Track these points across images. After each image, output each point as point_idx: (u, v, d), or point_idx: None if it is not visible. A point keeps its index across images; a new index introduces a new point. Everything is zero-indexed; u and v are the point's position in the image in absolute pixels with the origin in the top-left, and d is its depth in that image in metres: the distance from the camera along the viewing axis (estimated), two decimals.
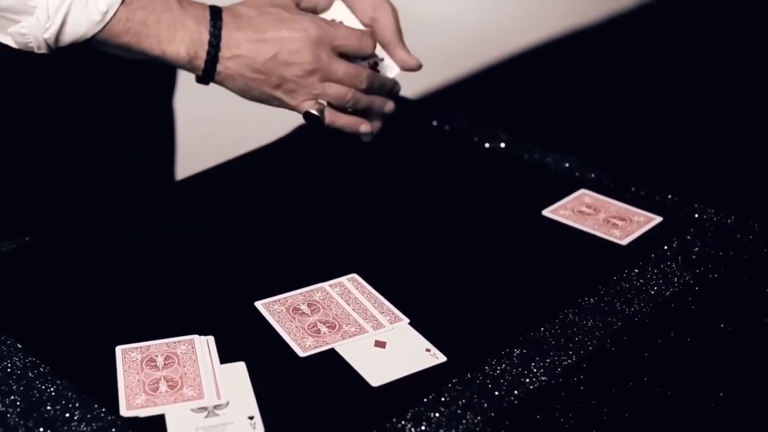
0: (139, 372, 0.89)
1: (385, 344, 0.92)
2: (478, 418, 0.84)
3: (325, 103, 1.12)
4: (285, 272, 1.02)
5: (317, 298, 0.98)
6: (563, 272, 1.01)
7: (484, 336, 0.93)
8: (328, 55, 1.09)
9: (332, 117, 1.12)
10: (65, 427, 0.84)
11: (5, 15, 0.99)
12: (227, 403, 0.86)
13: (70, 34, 1.01)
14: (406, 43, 1.18)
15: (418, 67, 1.18)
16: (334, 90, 1.10)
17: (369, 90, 1.13)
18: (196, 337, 0.93)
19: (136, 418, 0.84)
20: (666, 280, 1.00)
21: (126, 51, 1.04)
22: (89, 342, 0.93)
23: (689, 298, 0.99)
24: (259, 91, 1.09)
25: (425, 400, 0.86)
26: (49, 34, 1.00)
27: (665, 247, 1.04)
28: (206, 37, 1.04)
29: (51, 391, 0.88)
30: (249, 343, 0.93)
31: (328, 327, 0.94)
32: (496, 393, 0.87)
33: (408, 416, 0.84)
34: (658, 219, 1.08)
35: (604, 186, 1.15)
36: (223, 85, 1.09)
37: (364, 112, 1.16)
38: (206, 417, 0.85)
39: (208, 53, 1.05)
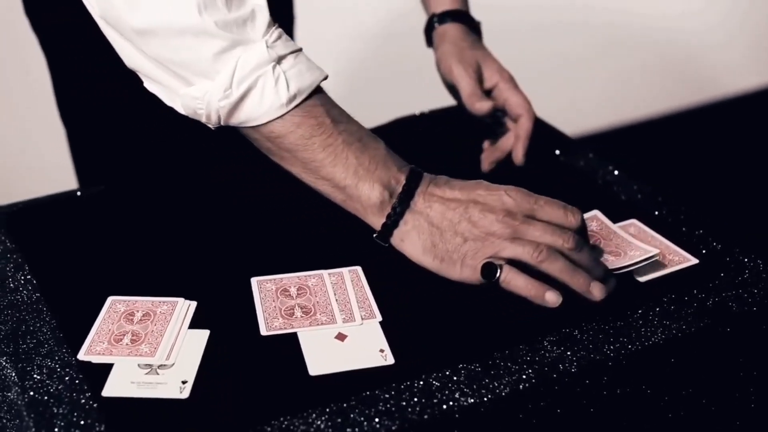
0: (114, 322, 0.95)
1: (345, 338, 0.93)
2: (394, 425, 0.84)
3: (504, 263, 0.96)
4: (307, 254, 1.05)
5: (310, 284, 1.00)
6: (565, 298, 0.97)
7: (449, 347, 0.92)
8: (523, 220, 0.96)
9: (508, 276, 0.95)
10: (28, 360, 0.92)
11: (183, 73, 0.95)
12: (172, 365, 0.90)
13: (247, 111, 0.95)
14: None
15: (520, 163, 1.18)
16: (520, 248, 0.94)
17: (575, 251, 0.95)
18: (180, 300, 0.98)
19: (89, 363, 0.91)
20: (663, 326, 0.94)
21: (300, 163, 0.99)
22: (99, 290, 1.00)
23: (688, 349, 0.93)
24: (443, 247, 0.97)
25: (348, 398, 0.86)
26: (226, 104, 0.95)
27: (682, 291, 0.98)
28: (403, 181, 0.99)
29: (36, 326, 0.96)
30: (228, 314, 0.96)
31: (303, 312, 0.96)
32: (423, 404, 0.86)
33: (327, 410, 0.85)
34: (693, 261, 1.02)
35: (665, 220, 1.09)
36: (404, 244, 1.00)
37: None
38: (147, 374, 0.90)
39: (400, 198, 0.98)
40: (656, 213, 1.11)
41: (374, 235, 1.00)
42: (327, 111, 0.98)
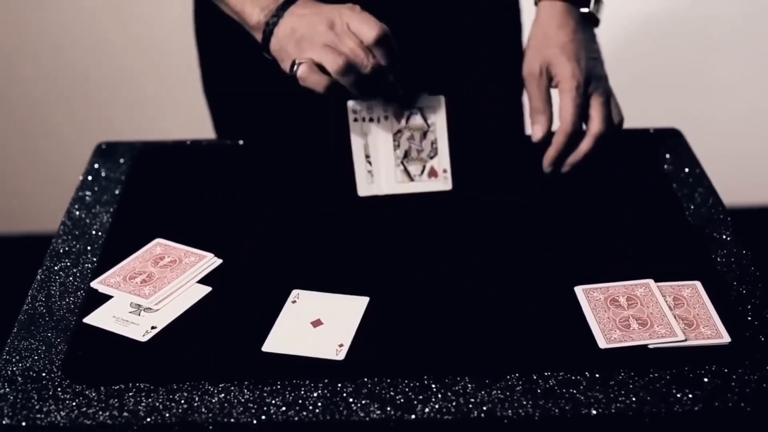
0: (142, 262, 1.03)
1: (319, 325, 0.94)
2: (296, 417, 0.84)
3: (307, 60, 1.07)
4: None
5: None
6: (541, 345, 0.91)
7: (409, 360, 0.90)
8: (340, 32, 1.06)
9: (304, 72, 1.07)
10: (54, 277, 1.02)
11: None
12: (157, 311, 0.96)
13: None
14: None
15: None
16: (324, 54, 1.06)
17: (367, 69, 1.06)
18: (209, 255, 1.03)
19: (96, 291, 0.99)
20: (638, 398, 0.85)
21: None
22: (164, 233, 1.08)
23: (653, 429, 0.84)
24: (285, 48, 1.10)
25: (275, 381, 0.88)
26: None
27: (680, 366, 0.88)
28: (279, 3, 1.12)
29: (84, 250, 1.06)
30: (240, 277, 1.00)
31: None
32: (336, 405, 0.85)
33: (245, 383, 0.87)
34: (723, 340, 0.90)
35: (740, 292, 0.98)
36: (275, 55, 1.12)
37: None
38: (130, 312, 0.96)
39: (270, 18, 1.11)
40: (733, 282, 0.99)
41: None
42: None
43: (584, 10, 1.20)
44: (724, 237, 1.06)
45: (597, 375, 0.87)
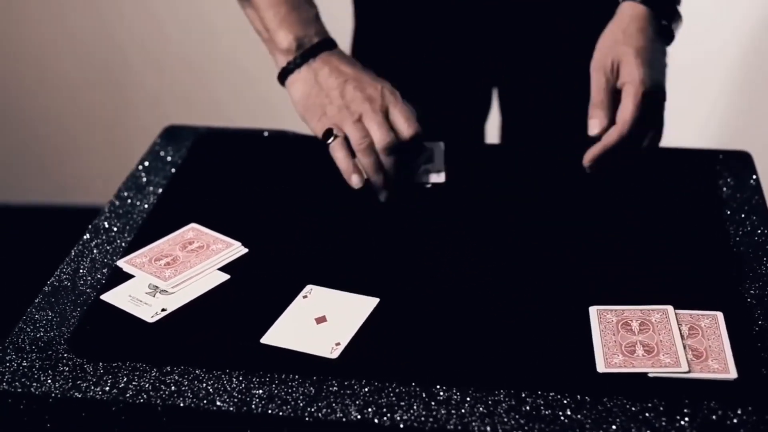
0: (172, 245, 1.05)
1: (322, 321, 0.94)
2: (279, 411, 0.85)
3: (342, 135, 1.12)
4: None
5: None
6: (561, 359, 0.89)
7: (401, 367, 0.89)
8: (375, 110, 1.11)
9: (335, 145, 1.12)
10: (88, 251, 1.05)
11: None
12: (172, 294, 0.98)
13: None
14: None
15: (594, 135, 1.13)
16: (353, 129, 1.11)
17: (384, 153, 1.11)
18: (236, 243, 1.05)
19: (120, 270, 1.02)
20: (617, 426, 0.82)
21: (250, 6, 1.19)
22: (204, 219, 1.10)
23: None
24: (313, 101, 1.14)
25: (264, 374, 0.88)
26: None
27: (673, 399, 0.84)
28: (314, 42, 1.16)
29: (122, 228, 1.10)
30: (261, 268, 1.02)
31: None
32: (314, 402, 0.85)
33: (235, 373, 0.88)
34: (730, 376, 0.86)
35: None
36: (291, 87, 1.17)
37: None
38: (147, 293, 0.98)
39: (304, 53, 1.16)
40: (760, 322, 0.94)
41: (277, 76, 1.18)
42: None
43: (664, 22, 1.17)
44: (763, 269, 1.00)
45: (587, 399, 0.85)
